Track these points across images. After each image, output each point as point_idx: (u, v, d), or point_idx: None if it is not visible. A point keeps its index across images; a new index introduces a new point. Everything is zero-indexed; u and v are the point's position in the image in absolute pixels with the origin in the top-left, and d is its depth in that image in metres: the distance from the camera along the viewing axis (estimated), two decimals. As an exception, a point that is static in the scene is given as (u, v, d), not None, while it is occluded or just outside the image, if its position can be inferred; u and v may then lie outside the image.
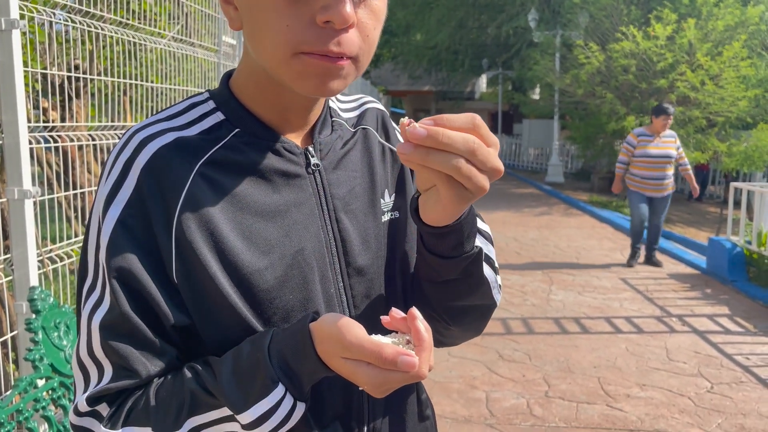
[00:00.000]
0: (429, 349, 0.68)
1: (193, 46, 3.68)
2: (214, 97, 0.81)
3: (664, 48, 11.69)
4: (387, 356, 0.65)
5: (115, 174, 0.74)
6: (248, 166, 0.77)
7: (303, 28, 0.68)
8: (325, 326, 0.69)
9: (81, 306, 0.76)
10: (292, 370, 0.70)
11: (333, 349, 0.68)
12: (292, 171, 0.80)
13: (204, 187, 0.74)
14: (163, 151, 0.74)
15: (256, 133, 0.79)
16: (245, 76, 0.79)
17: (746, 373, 4.05)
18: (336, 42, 0.68)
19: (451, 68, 22.96)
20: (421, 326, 0.68)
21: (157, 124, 0.77)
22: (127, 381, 0.73)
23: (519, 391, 3.77)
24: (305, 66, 0.69)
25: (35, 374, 1.78)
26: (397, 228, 0.89)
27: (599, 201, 12.68)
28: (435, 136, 0.63)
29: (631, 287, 6.13)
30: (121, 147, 0.76)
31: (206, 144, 0.76)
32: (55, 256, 2.38)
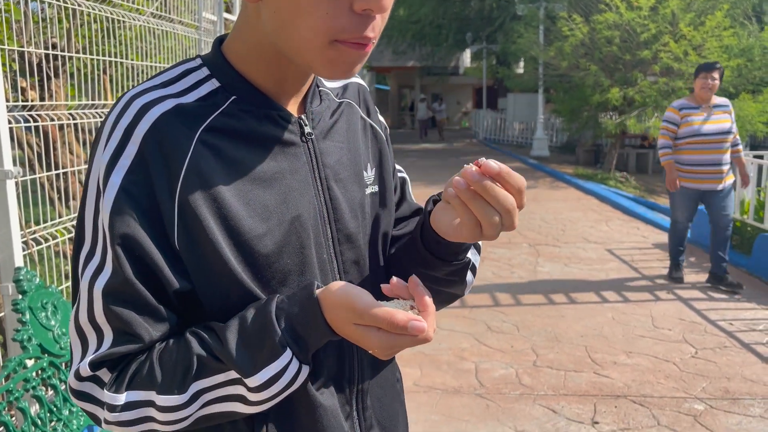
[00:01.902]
0: (433, 314, 0.73)
1: (172, 22, 3.62)
2: (208, 64, 0.81)
3: (648, 19, 11.68)
4: (398, 322, 0.69)
5: (116, 140, 0.74)
6: (246, 134, 0.78)
7: (341, 15, 0.69)
8: (334, 295, 0.73)
9: (79, 272, 0.76)
10: (299, 336, 0.73)
11: (344, 316, 0.71)
12: (287, 139, 0.81)
13: (206, 154, 0.75)
14: (164, 117, 0.74)
15: (252, 101, 0.79)
16: (246, 46, 0.79)
17: (730, 338, 4.13)
18: (371, 28, 0.70)
19: (435, 43, 22.84)
20: (424, 292, 0.73)
21: (153, 91, 0.77)
22: (130, 345, 0.74)
23: (508, 362, 3.82)
24: (339, 54, 0.71)
25: (24, 355, 1.77)
26: (378, 201, 0.92)
27: (584, 173, 12.75)
28: (486, 189, 0.71)
29: (617, 257, 6.20)
30: (119, 113, 0.75)
31: (204, 111, 0.77)
32: (40, 237, 2.36)
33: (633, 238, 7.07)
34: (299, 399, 0.80)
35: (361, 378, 0.89)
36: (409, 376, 3.62)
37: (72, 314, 0.77)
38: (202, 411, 0.74)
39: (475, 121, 25.40)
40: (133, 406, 0.73)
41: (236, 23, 0.80)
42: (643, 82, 12.12)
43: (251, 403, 0.74)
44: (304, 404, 0.81)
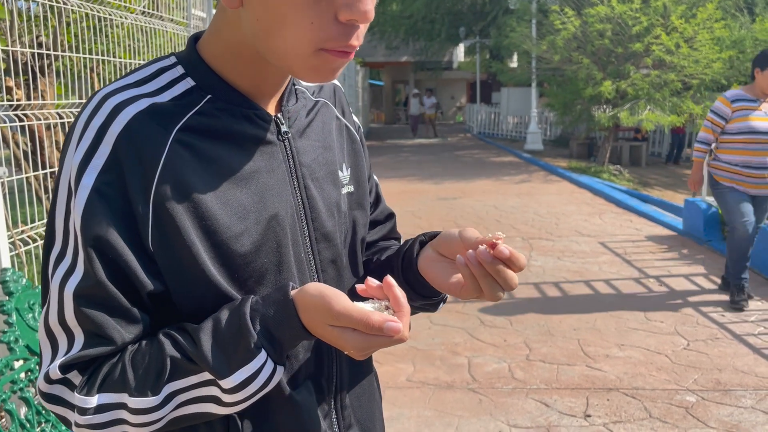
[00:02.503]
0: (408, 314, 0.73)
1: (162, 20, 3.61)
2: (182, 62, 0.80)
3: (639, 11, 11.69)
4: (374, 323, 0.69)
5: (88, 140, 0.73)
6: (222, 133, 0.77)
7: (326, 25, 0.69)
8: (309, 296, 0.72)
9: (50, 273, 0.75)
10: (274, 337, 0.73)
11: (319, 318, 0.71)
12: (264, 138, 0.80)
13: (182, 153, 0.74)
14: (139, 117, 0.73)
15: (228, 100, 0.79)
16: (223, 46, 0.78)
17: (721, 329, 4.15)
18: (355, 37, 0.71)
19: (428, 38, 22.78)
20: (399, 293, 0.73)
21: (127, 90, 0.76)
22: (102, 348, 0.73)
23: (500, 356, 3.82)
24: (324, 61, 0.72)
25: (11, 356, 1.76)
26: (353, 201, 0.92)
27: (578, 167, 12.77)
28: (498, 272, 0.77)
29: (610, 251, 6.22)
30: (92, 112, 0.74)
31: (179, 110, 0.76)
32: (27, 237, 2.35)
33: (626, 231, 7.09)
34: (276, 398, 0.80)
35: (339, 376, 0.89)
36: (402, 372, 3.62)
37: (42, 316, 0.76)
38: (175, 412, 0.74)
39: (469, 116, 25.39)
40: (104, 408, 0.72)
41: (213, 22, 0.79)
42: (636, 75, 12.14)
43: (225, 404, 0.73)
44: (282, 403, 0.81)
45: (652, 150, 16.63)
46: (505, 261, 0.76)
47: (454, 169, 12.91)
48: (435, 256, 0.85)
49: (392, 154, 15.94)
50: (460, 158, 15.17)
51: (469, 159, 15.01)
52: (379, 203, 1.04)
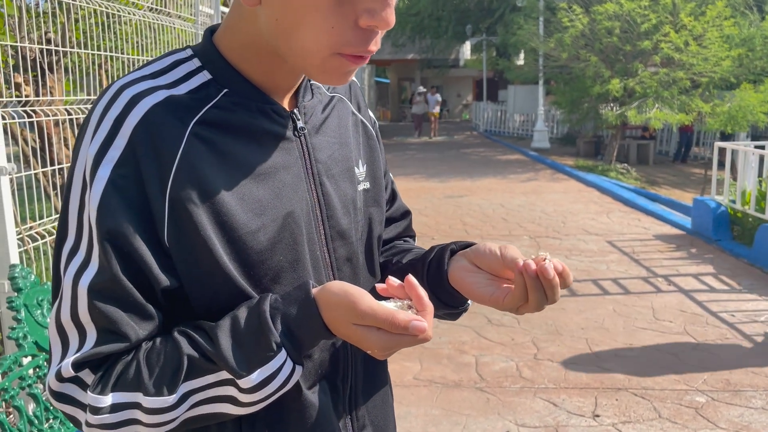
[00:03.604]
0: (431, 313, 0.72)
1: (170, 16, 3.60)
2: (199, 55, 0.78)
3: (648, 9, 11.63)
4: (400, 322, 0.68)
5: (104, 131, 0.71)
6: (239, 127, 0.76)
7: (346, 30, 0.68)
8: (332, 295, 0.71)
9: (62, 268, 0.73)
10: (295, 336, 0.72)
11: (343, 317, 0.70)
12: (281, 133, 0.79)
13: (199, 147, 0.73)
14: (156, 109, 0.72)
15: (245, 94, 0.77)
16: (240, 41, 0.77)
17: (731, 329, 4.12)
18: (374, 42, 0.70)
19: (434, 35, 22.74)
20: (422, 292, 0.72)
21: (143, 81, 0.74)
22: (115, 345, 0.71)
23: (508, 355, 3.81)
24: (340, 65, 0.71)
25: (19, 352, 1.76)
26: (369, 198, 0.91)
27: (585, 165, 12.72)
28: (552, 285, 0.77)
29: (618, 249, 6.18)
30: (108, 103, 0.73)
31: (196, 103, 0.74)
32: (36, 233, 2.35)
33: (634, 230, 7.05)
34: (291, 397, 0.79)
35: (354, 377, 0.88)
36: (409, 370, 3.61)
37: (52, 312, 0.74)
38: (190, 412, 0.72)
39: (475, 114, 25.32)
40: (118, 408, 0.70)
41: (229, 16, 0.78)
42: (644, 73, 12.08)
43: (242, 404, 0.72)
44: (296, 403, 0.80)
45: (660, 148, 16.56)
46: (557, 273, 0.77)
47: (460, 167, 12.89)
48: (471, 267, 0.84)
49: (398, 152, 15.92)
50: (467, 156, 15.14)
51: (475, 157, 14.98)
52: (394, 200, 1.03)
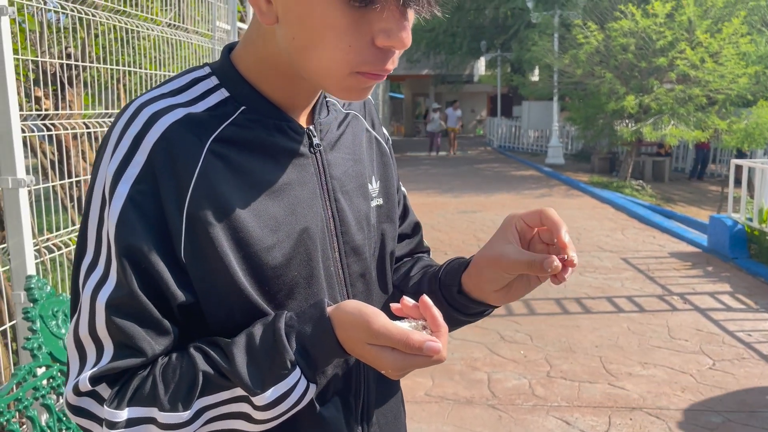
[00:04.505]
0: (446, 334, 0.73)
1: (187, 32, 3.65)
2: (217, 73, 0.80)
3: (664, 26, 11.60)
4: (414, 342, 0.69)
5: (124, 149, 0.73)
6: (256, 144, 0.77)
7: (363, 49, 0.69)
8: (347, 314, 0.71)
9: (81, 283, 0.74)
10: (309, 354, 0.72)
11: (357, 336, 0.71)
12: (297, 150, 0.80)
13: (216, 164, 0.74)
14: (174, 127, 0.73)
15: (262, 112, 0.78)
16: (257, 59, 0.78)
17: (748, 349, 4.06)
18: (391, 61, 0.71)
19: (449, 51, 22.82)
20: (437, 313, 0.72)
21: (162, 99, 0.76)
22: (132, 360, 0.72)
23: (521, 372, 3.78)
24: (357, 83, 0.72)
25: (34, 363, 1.77)
26: (382, 214, 0.91)
27: (600, 182, 12.65)
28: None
29: (633, 267, 6.13)
30: (128, 121, 0.74)
31: (214, 121, 0.76)
32: (52, 245, 2.38)
33: (649, 247, 6.99)
34: (303, 414, 0.79)
35: (367, 393, 0.88)
36: (421, 386, 3.59)
37: (71, 327, 0.75)
38: (204, 429, 0.73)
39: (489, 129, 25.32)
40: (134, 422, 0.71)
41: (247, 34, 0.79)
42: (659, 90, 12.02)
43: (256, 421, 0.72)
44: (309, 419, 0.80)
45: (676, 165, 16.43)
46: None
47: (473, 182, 12.87)
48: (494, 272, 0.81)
49: (412, 167, 15.93)
50: (480, 171, 15.12)
51: (489, 172, 14.96)
52: (407, 216, 1.03)
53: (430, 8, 0.68)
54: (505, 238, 0.80)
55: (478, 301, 0.85)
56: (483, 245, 0.85)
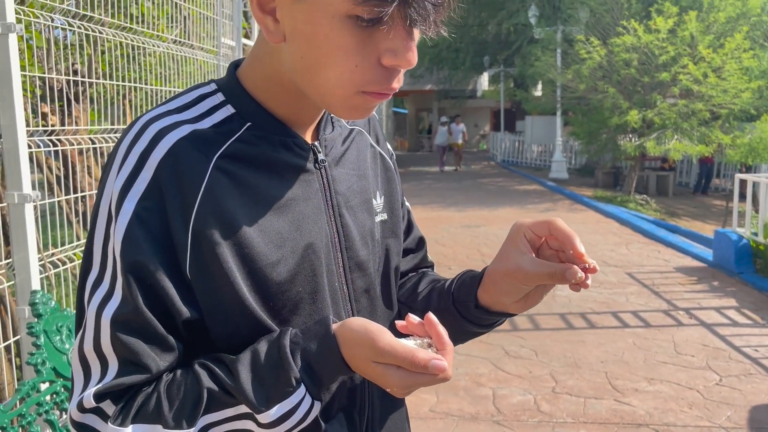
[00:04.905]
0: (452, 352, 0.72)
1: (192, 48, 3.68)
2: (223, 90, 0.80)
3: (666, 41, 11.66)
4: (419, 361, 0.69)
5: (130, 165, 0.73)
6: (261, 160, 0.78)
7: (370, 68, 0.69)
8: (352, 332, 0.71)
9: (86, 299, 0.74)
10: (314, 372, 0.72)
11: (363, 354, 0.71)
12: (302, 166, 0.80)
13: (222, 180, 0.74)
14: (180, 143, 0.73)
15: (268, 128, 0.79)
16: (263, 76, 0.78)
17: (755, 365, 4.02)
18: (396, 80, 0.71)
19: (452, 66, 22.95)
20: (442, 331, 0.72)
21: (169, 116, 0.76)
22: (137, 376, 0.72)
23: (526, 388, 3.75)
24: (363, 102, 0.72)
25: (37, 378, 1.77)
26: (387, 229, 0.92)
27: (604, 196, 12.64)
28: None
29: (638, 281, 6.10)
30: (134, 137, 0.74)
31: (220, 137, 0.76)
32: (57, 260, 2.38)
33: (654, 262, 6.97)
34: (308, 430, 0.78)
35: (371, 409, 0.87)
36: (425, 402, 3.57)
37: (76, 342, 0.75)
38: None
39: (492, 144, 25.38)
40: None
41: (254, 52, 0.80)
42: (663, 104, 12.05)
43: None
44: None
45: (680, 180, 16.43)
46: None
47: (477, 196, 12.88)
48: (510, 284, 0.81)
49: (415, 182, 15.96)
50: (484, 186, 15.13)
51: (492, 187, 14.97)
52: (411, 230, 1.03)
53: (436, 28, 0.69)
54: (518, 249, 0.79)
55: (496, 313, 0.86)
56: (492, 258, 0.85)
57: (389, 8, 0.65)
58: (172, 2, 3.42)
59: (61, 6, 2.46)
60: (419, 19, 0.66)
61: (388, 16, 0.65)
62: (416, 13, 0.66)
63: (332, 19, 0.67)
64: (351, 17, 0.66)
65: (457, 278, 0.92)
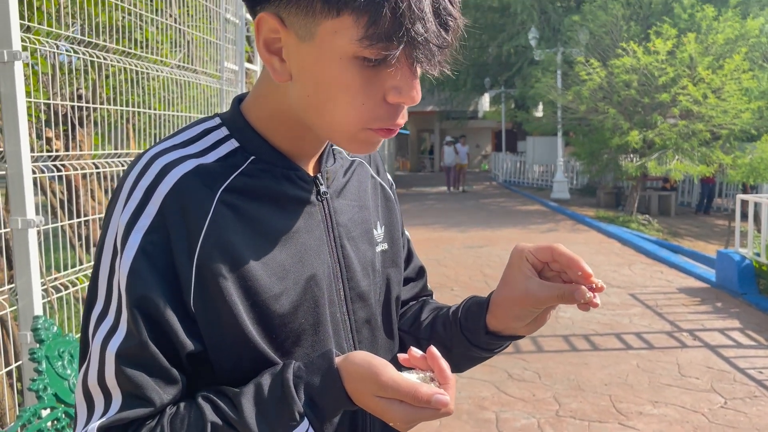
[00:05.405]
0: (454, 386, 0.73)
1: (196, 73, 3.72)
2: (227, 124, 0.82)
3: (665, 62, 11.74)
4: (422, 395, 0.69)
5: (136, 200, 0.74)
6: (265, 193, 0.79)
7: (375, 106, 0.71)
8: (355, 366, 0.72)
9: (91, 332, 0.75)
10: (317, 406, 0.73)
11: (366, 388, 0.71)
12: (304, 198, 0.82)
13: (226, 214, 0.75)
14: (186, 178, 0.75)
15: (271, 161, 0.80)
16: (268, 112, 0.80)
17: (760, 387, 3.99)
18: (401, 116, 0.74)
19: (453, 88, 23.09)
20: (445, 365, 0.73)
21: (174, 151, 0.77)
22: (141, 410, 0.72)
23: (529, 411, 3.72)
24: (369, 137, 0.74)
25: (39, 404, 1.77)
26: (387, 259, 0.93)
27: (606, 216, 12.64)
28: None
29: (641, 303, 6.08)
30: (140, 172, 0.76)
31: (224, 171, 0.77)
32: (60, 284, 2.38)
33: (657, 282, 6.94)
34: None
35: None
36: (428, 427, 3.54)
37: (80, 376, 0.75)
38: None
39: (494, 164, 25.45)
40: None
41: (258, 89, 0.81)
42: (663, 125, 12.10)
43: None
44: None
45: (682, 200, 16.43)
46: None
47: (479, 217, 12.88)
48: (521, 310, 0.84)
49: (417, 202, 15.98)
50: (486, 206, 15.14)
51: (494, 207, 14.98)
52: (411, 260, 1.04)
53: (440, 67, 0.71)
54: (523, 273, 0.82)
55: (506, 337, 0.88)
56: (495, 279, 0.86)
57: (396, 51, 0.66)
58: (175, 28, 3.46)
59: (67, 33, 2.49)
60: (425, 61, 0.69)
61: (396, 58, 0.67)
62: (422, 55, 0.68)
63: (340, 61, 0.69)
64: (358, 58, 0.68)
65: (462, 305, 0.93)
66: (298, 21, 0.69)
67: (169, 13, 3.37)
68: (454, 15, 0.69)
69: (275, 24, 0.71)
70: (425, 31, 0.67)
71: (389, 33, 0.66)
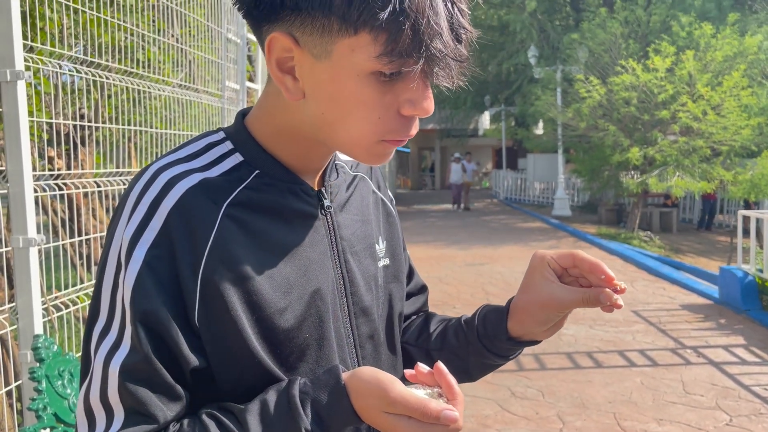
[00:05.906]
0: (462, 402, 0.72)
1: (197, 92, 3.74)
2: (231, 138, 0.82)
3: (664, 80, 11.81)
4: (431, 411, 0.69)
5: (140, 214, 0.74)
6: (269, 207, 0.79)
7: (390, 119, 0.73)
8: (362, 382, 0.71)
9: (93, 348, 0.74)
10: (324, 423, 0.72)
11: (374, 404, 0.71)
12: (308, 212, 0.82)
13: (231, 228, 0.75)
14: (191, 192, 0.74)
15: (276, 175, 0.80)
16: (275, 128, 0.80)
17: (765, 404, 3.96)
18: (414, 126, 0.75)
19: (453, 106, 23.22)
20: (453, 380, 0.72)
21: (179, 165, 0.77)
22: (144, 426, 0.71)
23: (533, 429, 3.68)
24: (384, 149, 0.76)
25: (38, 424, 1.75)
26: (389, 274, 0.93)
27: (607, 233, 12.63)
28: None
29: (644, 319, 6.05)
30: (145, 186, 0.75)
31: (229, 185, 0.77)
32: (60, 303, 2.38)
33: (659, 299, 6.92)
34: None
35: None
36: (431, 445, 3.50)
37: (81, 392, 0.74)
38: None
39: (495, 182, 25.49)
40: None
41: (264, 104, 0.81)
42: (663, 142, 12.14)
43: None
44: None
45: (683, 216, 16.42)
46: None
47: (481, 234, 12.87)
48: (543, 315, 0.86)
49: (418, 220, 15.98)
50: (487, 224, 15.13)
51: (496, 224, 14.97)
52: (412, 276, 1.05)
53: (457, 80, 0.72)
54: (545, 278, 0.84)
55: (525, 342, 0.89)
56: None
57: (415, 66, 0.67)
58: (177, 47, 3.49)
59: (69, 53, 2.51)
60: (442, 75, 0.70)
61: (414, 72, 0.68)
62: (440, 69, 0.69)
63: (357, 77, 0.69)
64: (374, 74, 0.69)
65: (477, 314, 0.94)
66: (312, 40, 0.69)
67: (171, 33, 3.40)
68: (466, 27, 0.70)
69: (288, 43, 0.71)
70: (444, 47, 0.68)
71: (409, 49, 0.66)
